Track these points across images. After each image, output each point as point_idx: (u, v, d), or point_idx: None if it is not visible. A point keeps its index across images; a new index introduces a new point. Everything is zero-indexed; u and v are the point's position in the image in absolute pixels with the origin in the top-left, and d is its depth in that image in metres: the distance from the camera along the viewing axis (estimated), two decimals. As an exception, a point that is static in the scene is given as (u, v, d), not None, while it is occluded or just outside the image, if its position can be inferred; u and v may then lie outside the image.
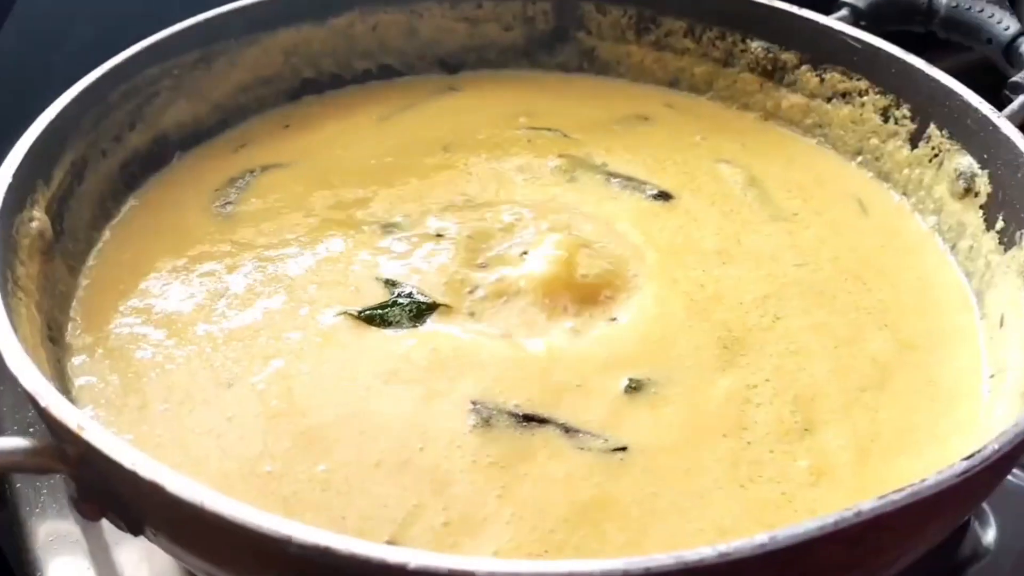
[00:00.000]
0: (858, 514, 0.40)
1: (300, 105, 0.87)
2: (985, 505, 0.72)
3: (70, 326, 0.63)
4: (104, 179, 0.73)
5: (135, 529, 0.47)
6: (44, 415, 0.46)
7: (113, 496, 0.46)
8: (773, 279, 0.68)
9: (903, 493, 0.41)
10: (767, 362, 0.60)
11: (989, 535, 0.70)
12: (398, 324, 0.61)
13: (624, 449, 0.54)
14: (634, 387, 0.58)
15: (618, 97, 0.89)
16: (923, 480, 0.42)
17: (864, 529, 0.41)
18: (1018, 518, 0.72)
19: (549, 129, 0.82)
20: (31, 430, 0.73)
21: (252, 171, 0.77)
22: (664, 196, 0.75)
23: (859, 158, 0.82)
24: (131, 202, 0.74)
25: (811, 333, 0.63)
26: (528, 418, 0.55)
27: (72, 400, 0.57)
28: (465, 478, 0.52)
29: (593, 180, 0.77)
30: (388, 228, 0.70)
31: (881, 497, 0.41)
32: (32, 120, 0.66)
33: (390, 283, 0.64)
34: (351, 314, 0.62)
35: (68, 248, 0.67)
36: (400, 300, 0.63)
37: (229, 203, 0.73)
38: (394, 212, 0.72)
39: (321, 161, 0.78)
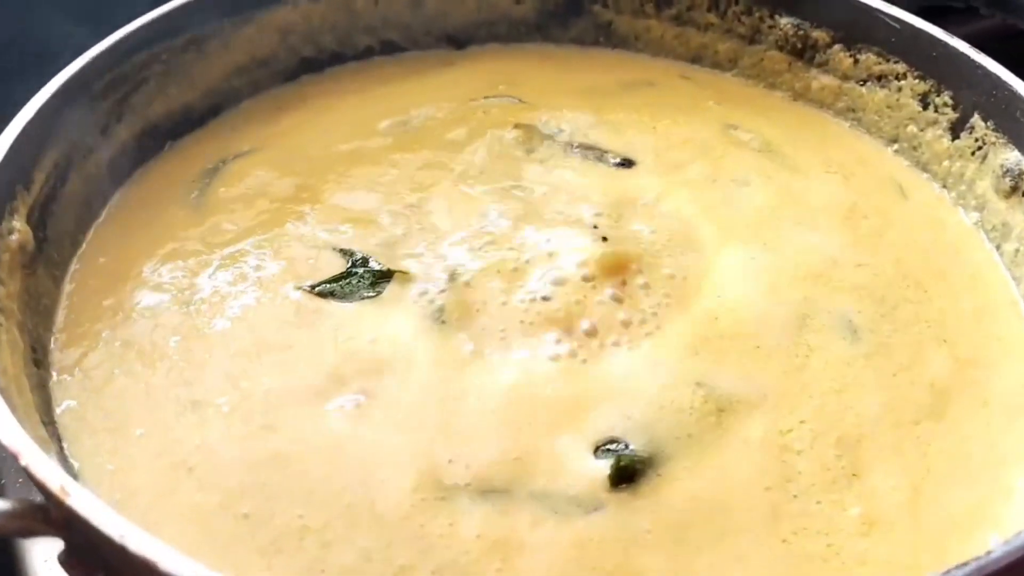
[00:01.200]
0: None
1: (298, 85, 0.82)
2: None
3: (53, 342, 0.59)
4: (90, 178, 0.68)
5: (127, 594, 0.44)
6: (28, 474, 0.42)
7: (102, 561, 0.42)
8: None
9: (967, 569, 0.38)
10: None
11: None
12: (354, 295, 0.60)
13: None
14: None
15: (629, 67, 0.84)
16: (989, 552, 0.38)
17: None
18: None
19: (519, 99, 0.77)
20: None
21: (224, 160, 0.72)
22: (627, 163, 0.70)
23: (895, 146, 0.77)
24: (116, 198, 0.70)
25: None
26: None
27: (55, 424, 0.54)
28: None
29: (552, 151, 0.72)
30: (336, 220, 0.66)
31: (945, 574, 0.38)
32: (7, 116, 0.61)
33: (346, 252, 0.63)
34: (305, 289, 0.60)
35: (53, 257, 0.63)
36: (356, 270, 0.61)
37: (199, 193, 0.69)
38: (343, 201, 0.68)
39: (288, 147, 0.73)
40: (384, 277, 0.61)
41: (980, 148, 0.71)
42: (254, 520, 0.48)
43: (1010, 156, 0.68)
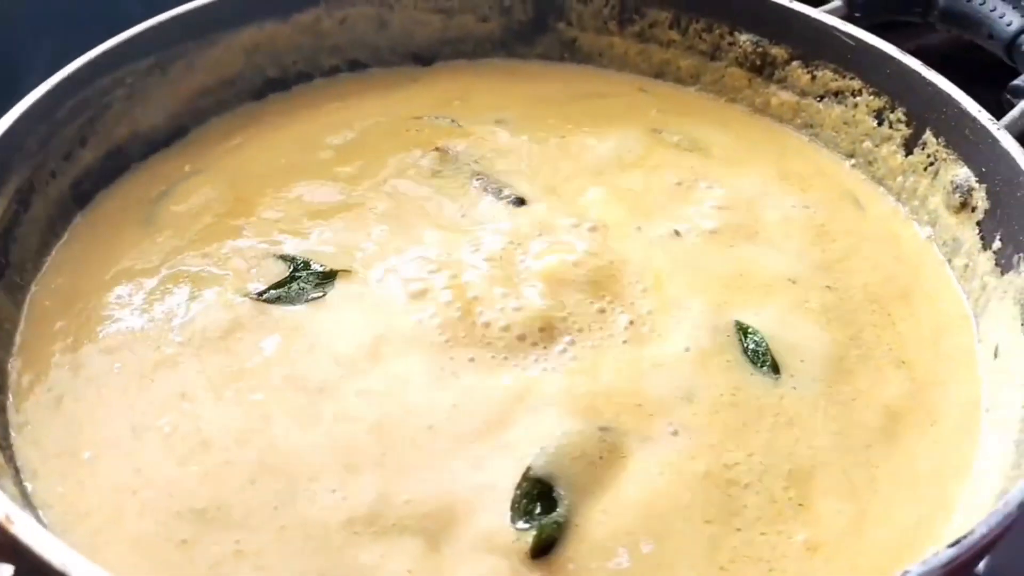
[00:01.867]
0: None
1: (263, 104, 0.82)
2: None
3: (10, 365, 0.60)
4: (53, 202, 0.69)
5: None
6: (-29, 502, 0.43)
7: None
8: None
9: None
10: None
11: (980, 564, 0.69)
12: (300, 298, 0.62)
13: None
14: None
15: (589, 80, 0.86)
16: (905, 572, 0.40)
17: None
18: (1011, 542, 0.70)
19: (453, 120, 0.79)
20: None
21: (178, 180, 0.73)
22: (520, 202, 0.71)
23: (852, 160, 0.78)
24: (77, 220, 0.71)
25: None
26: None
27: (12, 448, 0.55)
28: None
29: (455, 180, 0.73)
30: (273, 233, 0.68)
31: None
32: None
33: (286, 258, 0.65)
34: (252, 297, 0.62)
35: (15, 282, 0.64)
36: (298, 273, 0.64)
37: (149, 213, 0.70)
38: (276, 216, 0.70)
39: (235, 165, 0.75)
40: (328, 277, 0.63)
41: (932, 164, 0.72)
42: (192, 546, 0.49)
43: (960, 172, 0.69)
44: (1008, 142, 0.65)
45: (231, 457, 0.54)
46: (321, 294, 0.63)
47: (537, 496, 0.52)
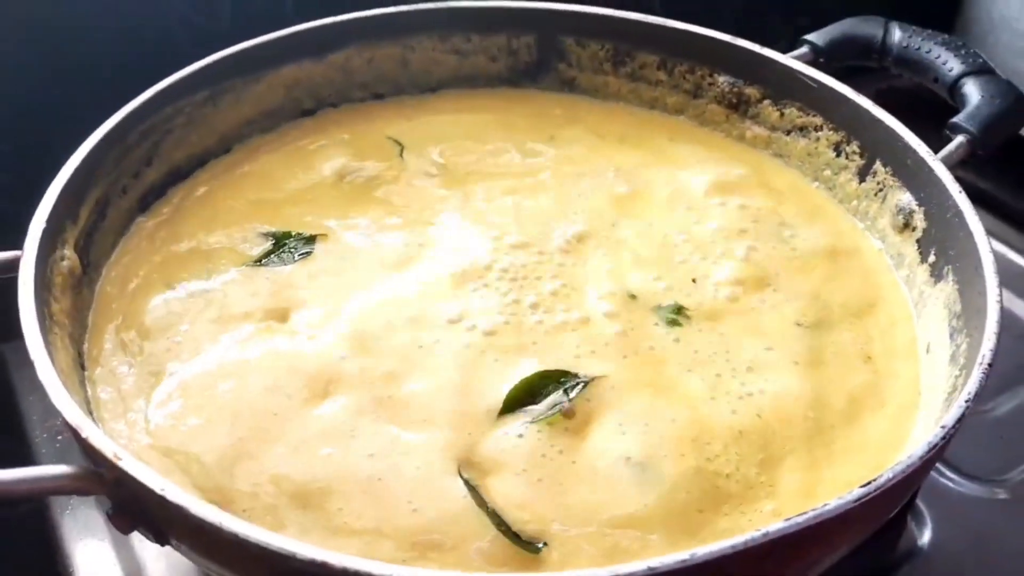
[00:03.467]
0: (765, 535, 0.48)
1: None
2: (922, 506, 0.80)
3: (85, 343, 0.71)
4: (124, 213, 0.80)
5: (161, 541, 0.55)
6: (84, 445, 0.54)
7: (143, 513, 0.54)
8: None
9: (805, 516, 0.49)
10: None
11: (925, 535, 0.78)
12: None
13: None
14: None
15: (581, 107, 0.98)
16: (824, 505, 0.50)
17: (772, 547, 0.49)
18: (953, 519, 0.79)
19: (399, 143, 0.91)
20: (59, 439, 0.82)
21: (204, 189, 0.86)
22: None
23: (816, 183, 0.89)
24: (139, 218, 0.83)
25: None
26: None
27: (93, 409, 0.66)
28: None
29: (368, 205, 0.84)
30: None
31: (787, 519, 0.49)
32: (56, 159, 0.73)
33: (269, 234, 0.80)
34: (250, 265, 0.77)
35: (93, 278, 0.75)
36: (285, 241, 0.79)
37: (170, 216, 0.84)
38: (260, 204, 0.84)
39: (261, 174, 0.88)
40: (310, 241, 0.79)
41: (881, 190, 0.83)
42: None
43: (903, 197, 0.80)
44: (942, 172, 0.76)
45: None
46: (309, 250, 0.78)
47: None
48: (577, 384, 0.66)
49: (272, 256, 0.78)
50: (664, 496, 0.60)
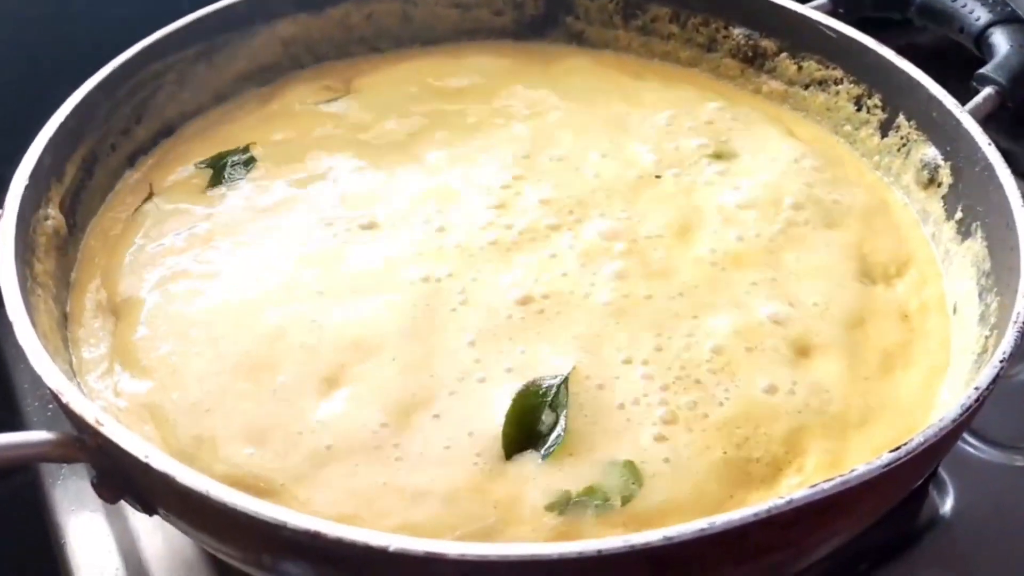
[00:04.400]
0: (790, 502, 0.45)
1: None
2: (944, 474, 0.77)
3: (68, 303, 0.68)
4: (112, 172, 0.77)
5: (149, 511, 0.53)
6: (66, 411, 0.51)
7: (129, 482, 0.51)
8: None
9: (832, 483, 0.46)
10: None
11: (947, 504, 0.75)
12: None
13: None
14: None
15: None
16: (852, 470, 0.47)
17: (796, 515, 0.46)
18: (975, 487, 0.76)
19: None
20: (50, 407, 0.79)
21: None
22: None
23: (837, 138, 0.85)
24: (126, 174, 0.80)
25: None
26: None
27: (77, 371, 0.63)
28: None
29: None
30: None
31: (812, 486, 0.46)
32: (37, 119, 0.70)
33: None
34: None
35: (78, 238, 0.72)
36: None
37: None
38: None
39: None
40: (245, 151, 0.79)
41: (904, 145, 0.79)
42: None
43: (928, 151, 0.77)
44: (970, 124, 0.72)
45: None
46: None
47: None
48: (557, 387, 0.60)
49: (221, 184, 0.76)
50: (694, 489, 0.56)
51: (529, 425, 0.57)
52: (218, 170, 0.77)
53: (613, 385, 0.60)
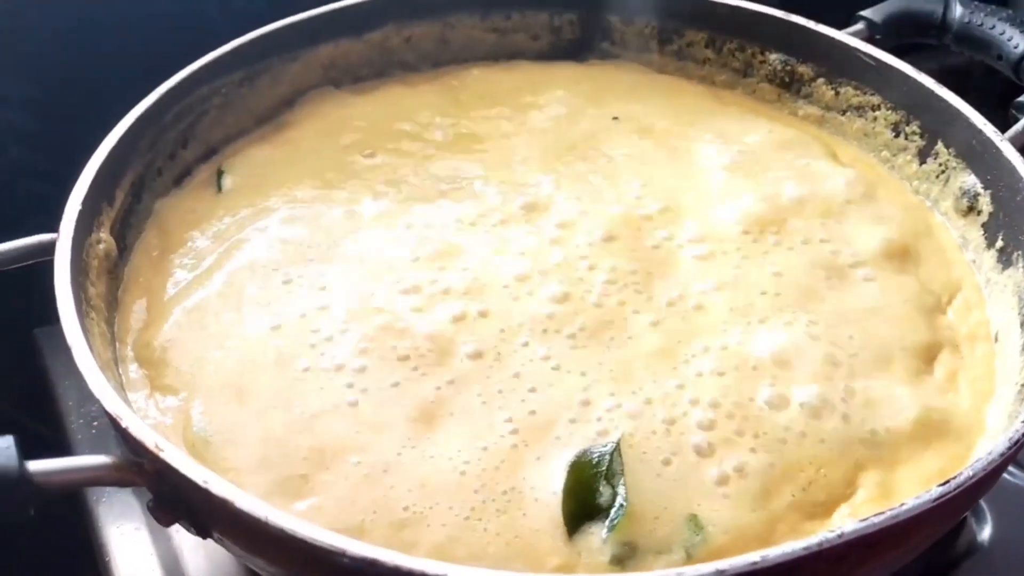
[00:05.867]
0: (840, 535, 0.46)
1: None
2: (982, 502, 0.77)
3: (116, 321, 0.69)
4: (159, 195, 0.78)
5: (203, 534, 0.53)
6: (124, 435, 0.52)
7: (185, 506, 0.52)
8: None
9: (882, 516, 0.47)
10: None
11: (985, 531, 0.75)
12: None
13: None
14: None
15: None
16: (902, 504, 0.47)
17: (847, 548, 0.46)
18: (1014, 515, 0.76)
19: None
20: (95, 424, 0.80)
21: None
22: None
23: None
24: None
25: None
26: None
27: (126, 388, 0.64)
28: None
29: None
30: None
31: (863, 520, 0.46)
32: (91, 140, 0.72)
33: None
34: None
35: (127, 260, 0.73)
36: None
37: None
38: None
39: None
40: None
41: (943, 172, 0.79)
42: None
43: (968, 179, 0.77)
44: (1010, 153, 0.72)
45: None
46: None
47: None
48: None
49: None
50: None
51: (585, 499, 0.56)
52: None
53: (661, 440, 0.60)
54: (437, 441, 0.58)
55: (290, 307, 0.68)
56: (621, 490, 0.55)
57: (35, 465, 0.50)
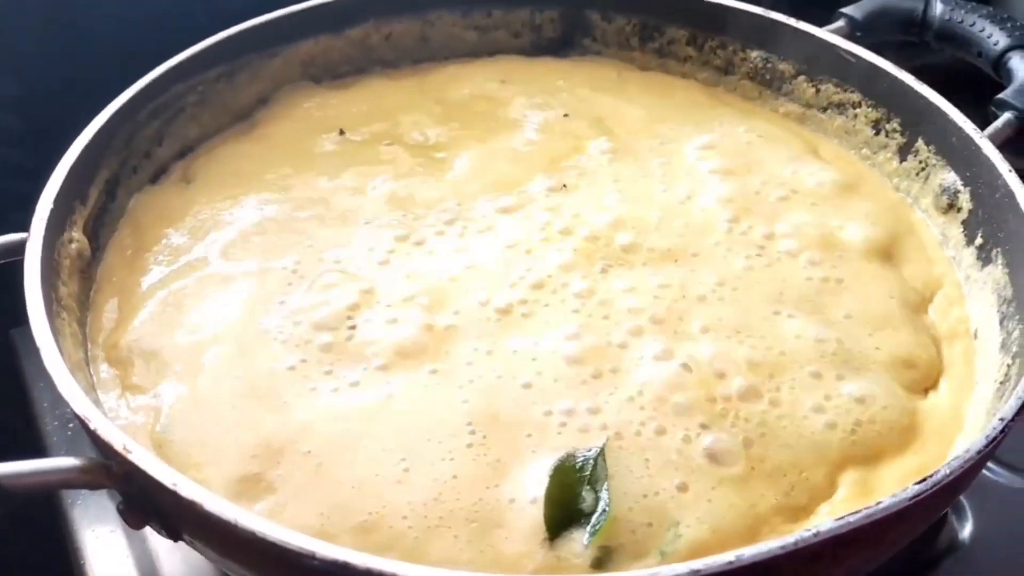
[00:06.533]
0: (816, 534, 0.45)
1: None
2: (963, 499, 0.76)
3: (88, 322, 0.68)
4: (133, 193, 0.77)
5: (174, 536, 0.53)
6: (93, 437, 0.51)
7: (155, 508, 0.51)
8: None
9: (858, 515, 0.46)
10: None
11: (966, 529, 0.75)
12: None
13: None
14: None
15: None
16: (878, 503, 0.47)
17: (822, 547, 0.45)
18: (994, 513, 0.76)
19: None
20: (70, 426, 0.79)
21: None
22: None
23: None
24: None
25: None
26: None
27: (97, 388, 0.63)
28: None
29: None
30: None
31: (838, 519, 0.46)
32: (72, 138, 0.71)
33: None
34: None
35: (100, 259, 0.72)
36: None
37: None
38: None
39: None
40: None
41: (923, 169, 0.79)
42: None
43: (947, 176, 0.77)
44: (990, 150, 0.72)
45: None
46: None
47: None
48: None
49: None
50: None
51: (568, 504, 0.54)
52: None
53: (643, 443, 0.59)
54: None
55: (266, 300, 0.67)
56: (604, 495, 0.54)
57: (1, 468, 0.49)
